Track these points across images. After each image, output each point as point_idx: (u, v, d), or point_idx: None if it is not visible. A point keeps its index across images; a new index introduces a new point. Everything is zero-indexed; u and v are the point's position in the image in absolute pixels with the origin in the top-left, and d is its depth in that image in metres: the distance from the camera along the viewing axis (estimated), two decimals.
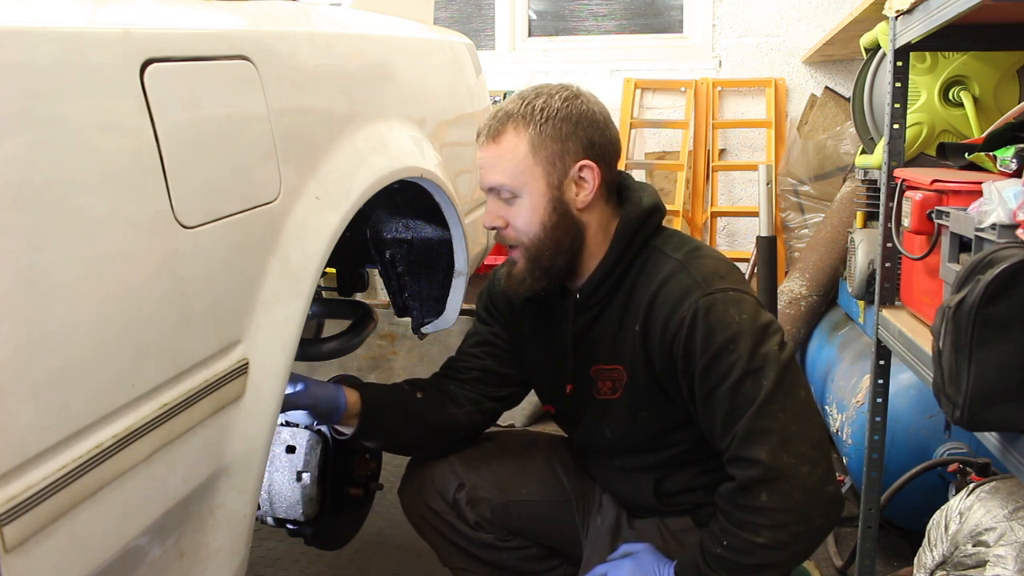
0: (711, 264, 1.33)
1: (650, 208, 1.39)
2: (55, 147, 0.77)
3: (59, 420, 0.77)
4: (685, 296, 1.29)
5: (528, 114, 1.33)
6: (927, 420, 2.00)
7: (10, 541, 0.71)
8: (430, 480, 1.55)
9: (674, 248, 1.37)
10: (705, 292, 1.28)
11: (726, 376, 1.24)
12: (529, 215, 1.34)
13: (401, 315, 1.83)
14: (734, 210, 3.81)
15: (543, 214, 1.34)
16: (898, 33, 1.55)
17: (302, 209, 1.15)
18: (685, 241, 1.39)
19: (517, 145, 1.33)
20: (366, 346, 2.97)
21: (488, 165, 1.36)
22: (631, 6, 4.04)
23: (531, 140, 1.32)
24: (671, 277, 1.32)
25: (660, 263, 1.35)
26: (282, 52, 1.17)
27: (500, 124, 1.34)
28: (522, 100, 1.35)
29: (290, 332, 1.10)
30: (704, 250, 1.38)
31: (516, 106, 1.34)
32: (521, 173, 1.33)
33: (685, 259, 1.34)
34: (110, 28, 0.87)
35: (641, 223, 1.38)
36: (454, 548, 1.56)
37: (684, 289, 1.30)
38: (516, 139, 1.33)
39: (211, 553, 1.03)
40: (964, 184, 1.33)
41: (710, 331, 1.26)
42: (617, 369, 1.38)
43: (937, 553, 1.40)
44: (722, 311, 1.27)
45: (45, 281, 0.75)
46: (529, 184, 1.33)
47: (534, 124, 1.33)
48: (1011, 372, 0.96)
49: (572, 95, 1.37)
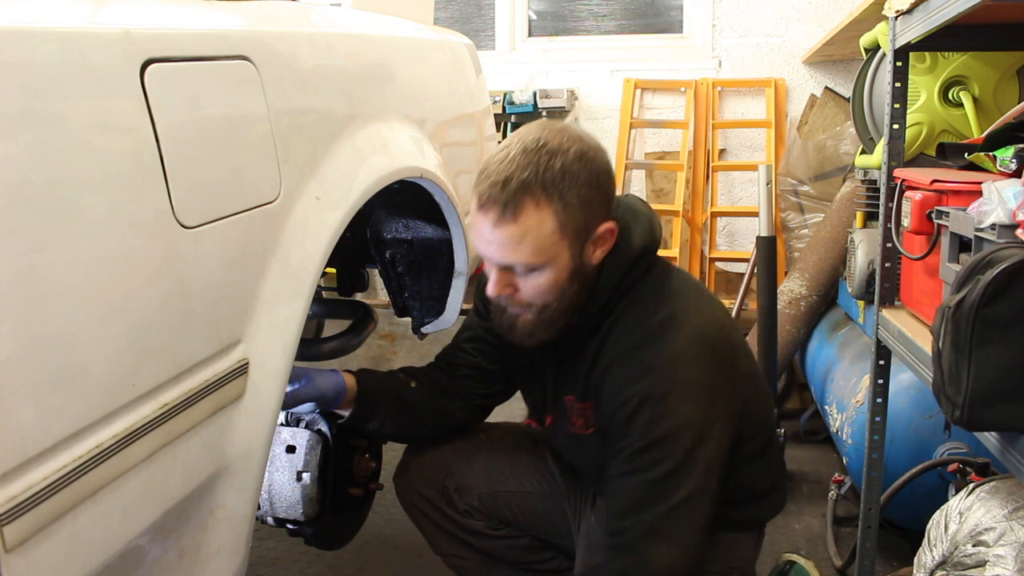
0: (683, 340, 1.25)
1: (640, 251, 1.31)
2: (55, 147, 0.77)
3: (59, 420, 0.77)
4: (643, 375, 1.23)
5: (549, 184, 1.19)
6: (927, 420, 2.00)
7: (10, 541, 0.71)
8: (420, 467, 1.58)
9: (656, 304, 1.29)
10: (663, 379, 1.23)
11: (650, 467, 1.22)
12: (549, 286, 1.25)
13: (401, 315, 1.83)
14: (734, 210, 3.81)
15: (564, 283, 1.26)
16: (898, 33, 1.55)
17: (302, 209, 1.15)
18: (671, 295, 1.31)
19: (542, 222, 1.19)
20: (366, 346, 2.96)
21: (505, 244, 1.21)
22: (631, 6, 4.04)
23: (557, 215, 1.20)
24: (638, 347, 1.26)
25: (636, 322, 1.28)
26: (282, 52, 1.17)
27: (518, 198, 1.19)
28: (534, 162, 1.20)
29: (290, 332, 1.11)
30: (681, 318, 1.27)
31: (530, 173, 1.19)
32: (546, 250, 1.22)
33: (659, 329, 1.26)
34: (110, 28, 0.87)
35: (630, 268, 1.30)
36: (444, 534, 1.59)
37: (644, 367, 1.24)
38: (539, 215, 1.19)
39: (211, 553, 1.03)
40: (964, 184, 1.33)
41: (652, 421, 1.21)
42: (589, 407, 1.36)
43: (937, 553, 1.40)
44: (672, 404, 1.21)
45: (45, 281, 0.75)
46: (554, 259, 1.23)
47: (558, 196, 1.20)
48: (1011, 372, 0.96)
49: (584, 150, 1.24)
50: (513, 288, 1.27)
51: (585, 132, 1.30)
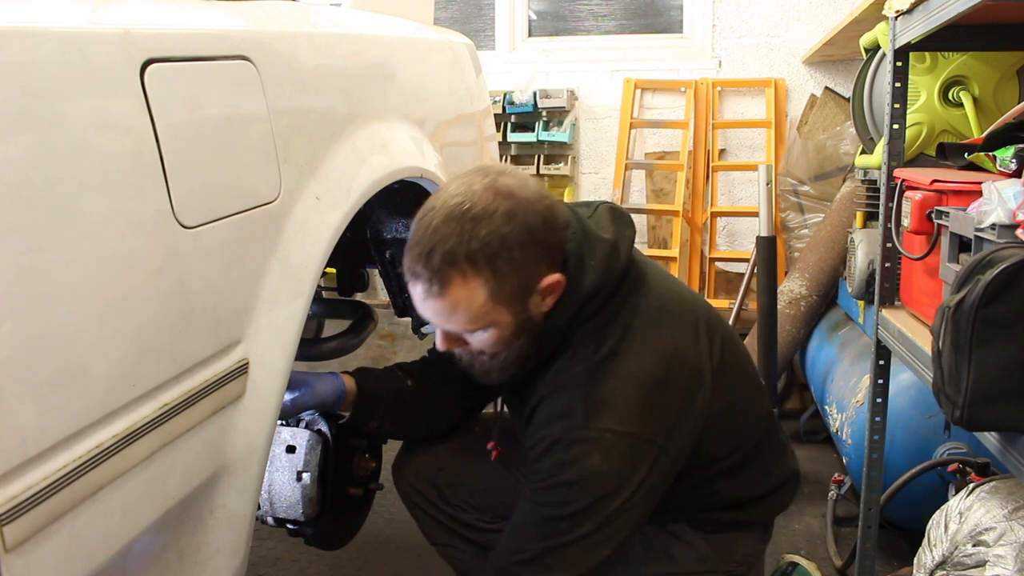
0: (614, 384, 1.19)
1: (591, 290, 1.23)
2: (55, 147, 0.77)
3: (59, 420, 0.77)
4: (562, 418, 1.20)
5: (475, 254, 1.11)
6: (927, 420, 2.00)
7: (10, 541, 0.71)
8: (413, 462, 1.61)
9: (598, 343, 1.22)
10: (578, 426, 1.18)
11: (551, 507, 1.19)
12: (495, 342, 1.22)
13: (401, 315, 1.83)
14: (734, 210, 3.81)
15: (510, 338, 1.22)
16: (898, 33, 1.55)
17: (302, 209, 1.15)
18: (620, 331, 1.23)
19: (471, 294, 1.14)
20: (366, 346, 2.96)
21: (438, 314, 1.18)
22: (631, 6, 4.04)
23: (487, 284, 1.14)
24: (565, 387, 1.22)
25: (573, 362, 1.23)
26: (282, 52, 1.17)
27: (443, 272, 1.12)
28: (456, 232, 1.12)
29: (290, 332, 1.11)
30: (621, 359, 1.20)
31: (453, 244, 1.11)
32: (481, 317, 1.17)
33: (589, 374, 1.20)
34: (110, 28, 0.87)
35: (578, 311, 1.23)
36: (437, 524, 1.60)
37: (565, 411, 1.20)
38: (467, 288, 1.13)
39: (211, 553, 1.03)
40: (964, 184, 1.33)
41: (560, 465, 1.18)
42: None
43: (937, 553, 1.40)
44: (582, 453, 1.17)
45: (45, 281, 0.75)
46: (493, 322, 1.19)
47: (486, 264, 1.12)
48: (1011, 372, 0.96)
49: (513, 209, 1.14)
50: (461, 342, 1.25)
51: (519, 176, 1.21)
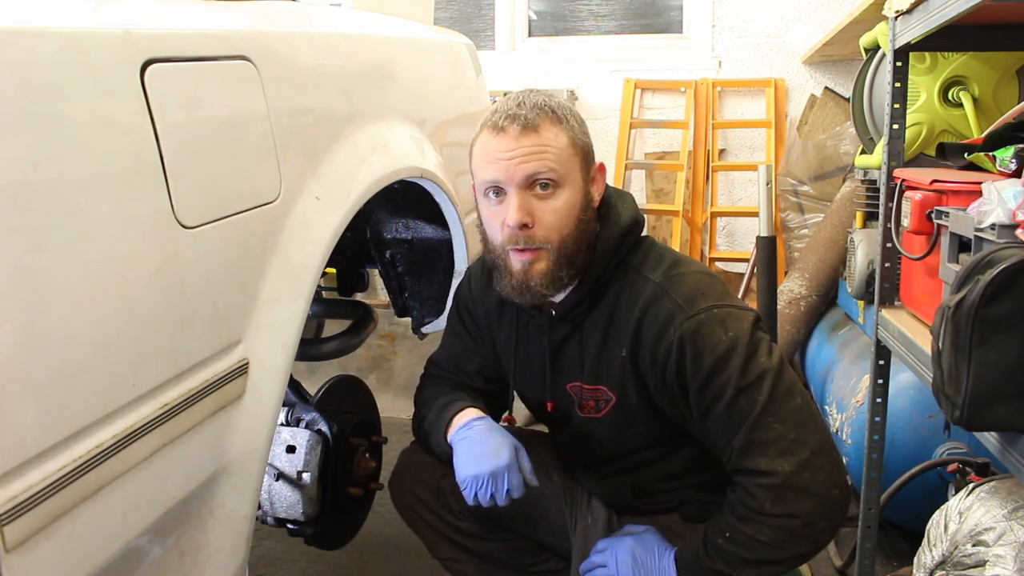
0: (691, 282, 1.32)
1: (630, 224, 1.37)
2: (55, 147, 0.77)
3: (59, 420, 0.77)
4: (669, 321, 1.28)
5: (558, 108, 1.32)
6: (927, 420, 2.00)
7: (10, 541, 0.71)
8: (416, 469, 1.57)
9: (652, 268, 1.35)
10: (688, 315, 1.27)
11: (720, 396, 1.24)
12: (567, 209, 1.30)
13: (401, 315, 1.84)
14: (734, 210, 3.81)
15: (579, 210, 1.31)
16: (898, 33, 1.55)
17: (302, 209, 1.15)
18: (663, 257, 1.37)
19: (558, 135, 1.30)
20: (366, 346, 2.97)
21: (530, 153, 1.28)
22: (631, 6, 4.04)
23: (569, 133, 1.31)
24: (653, 302, 1.31)
25: (640, 287, 1.33)
26: (282, 52, 1.17)
27: (537, 115, 1.30)
28: (541, 95, 1.34)
29: (290, 332, 1.11)
30: (682, 266, 1.35)
31: (542, 100, 1.32)
32: (565, 162, 1.30)
33: (664, 281, 1.32)
34: (111, 28, 0.87)
35: (621, 240, 1.35)
36: (441, 537, 1.57)
37: (668, 314, 1.28)
38: (556, 130, 1.30)
39: (211, 553, 1.03)
40: (964, 184, 1.33)
41: (698, 354, 1.25)
42: (601, 390, 1.38)
43: (937, 553, 1.40)
44: (708, 332, 1.26)
45: (45, 281, 0.75)
46: (570, 175, 1.30)
47: (567, 118, 1.32)
48: (1011, 372, 0.96)
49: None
50: (532, 218, 1.29)
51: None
